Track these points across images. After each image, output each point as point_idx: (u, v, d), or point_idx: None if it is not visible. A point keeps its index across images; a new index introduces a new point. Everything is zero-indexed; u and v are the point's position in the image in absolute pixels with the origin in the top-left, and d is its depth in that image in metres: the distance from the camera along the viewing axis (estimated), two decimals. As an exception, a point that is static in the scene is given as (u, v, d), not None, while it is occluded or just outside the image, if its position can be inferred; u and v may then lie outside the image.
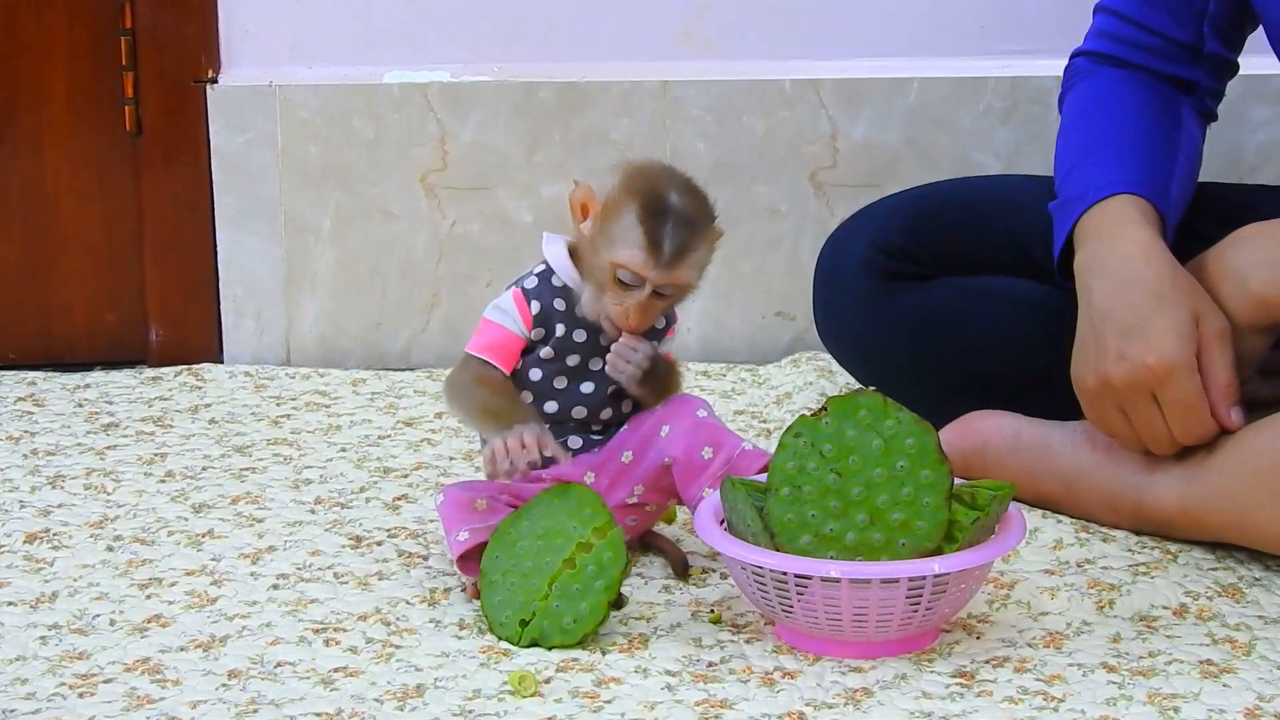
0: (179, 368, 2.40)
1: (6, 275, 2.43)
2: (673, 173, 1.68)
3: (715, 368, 2.39)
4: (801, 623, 1.55)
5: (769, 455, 1.63)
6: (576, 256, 1.69)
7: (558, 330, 1.69)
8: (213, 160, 2.39)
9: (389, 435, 2.15)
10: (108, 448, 2.10)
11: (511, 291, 1.70)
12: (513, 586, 1.60)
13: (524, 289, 1.69)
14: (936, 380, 1.99)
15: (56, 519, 1.89)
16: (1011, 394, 1.92)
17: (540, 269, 1.70)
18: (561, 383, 1.70)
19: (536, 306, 1.69)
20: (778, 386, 2.30)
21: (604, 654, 1.57)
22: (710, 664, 1.55)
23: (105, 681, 1.53)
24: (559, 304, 1.69)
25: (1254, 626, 1.62)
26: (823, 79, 2.39)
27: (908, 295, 2.01)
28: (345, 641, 1.60)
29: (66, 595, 1.71)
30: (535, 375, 1.70)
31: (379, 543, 1.82)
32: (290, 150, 2.39)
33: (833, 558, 1.54)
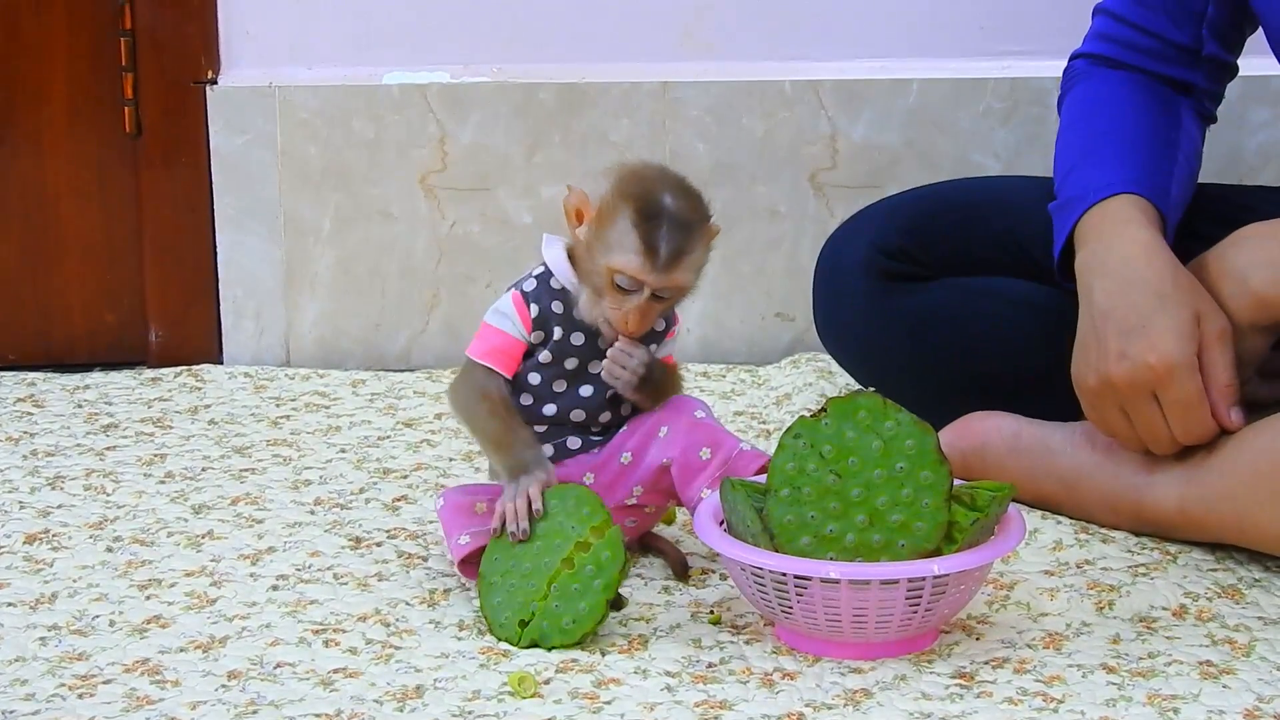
0: (179, 368, 2.40)
1: (6, 276, 2.43)
2: (666, 174, 1.67)
3: (715, 368, 2.39)
4: (801, 624, 1.55)
5: (766, 456, 1.63)
6: (575, 258, 1.69)
7: (555, 333, 1.69)
8: (212, 161, 2.39)
9: (389, 436, 2.15)
10: (107, 448, 2.10)
11: (511, 294, 1.69)
12: (512, 588, 1.60)
13: (523, 292, 1.69)
14: (936, 381, 1.99)
15: (56, 520, 1.89)
16: (1011, 395, 1.92)
17: (539, 271, 1.70)
18: (560, 386, 1.70)
19: (535, 309, 1.68)
20: (777, 387, 2.30)
21: (604, 655, 1.57)
22: (710, 665, 1.55)
23: (105, 682, 1.53)
24: (557, 307, 1.69)
25: (1253, 627, 1.62)
26: (822, 80, 2.39)
27: (907, 296, 2.01)
28: (345, 642, 1.60)
29: (66, 596, 1.71)
30: (534, 379, 1.70)
31: (378, 544, 1.82)
32: (290, 151, 2.39)
33: (832, 559, 1.54)
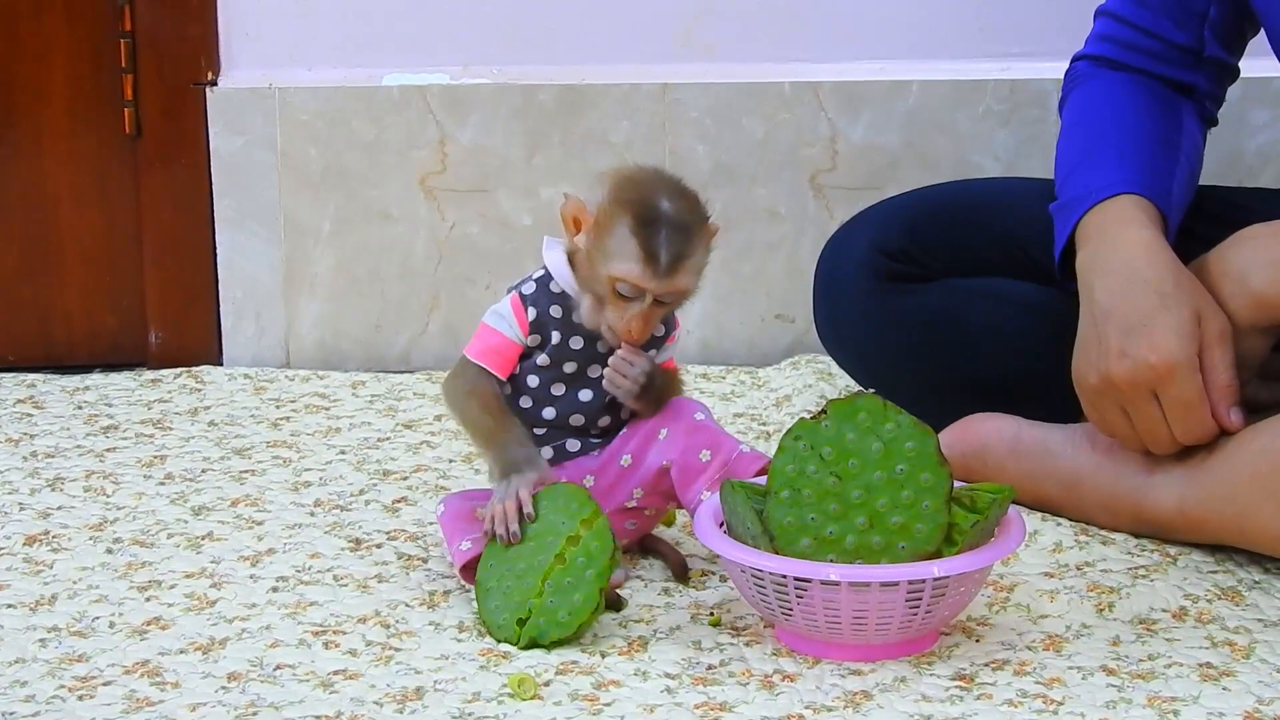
0: (178, 370, 2.40)
1: (6, 277, 2.43)
2: (662, 177, 1.67)
3: (715, 370, 2.39)
4: (801, 625, 1.55)
5: (766, 457, 1.63)
6: (575, 264, 1.69)
7: (554, 337, 1.68)
8: (212, 162, 2.39)
9: (388, 438, 2.15)
10: (107, 450, 2.10)
11: (510, 297, 1.69)
12: (507, 590, 1.60)
13: (522, 295, 1.69)
14: (936, 383, 1.99)
15: (56, 521, 1.89)
16: (1011, 396, 1.92)
17: (539, 274, 1.70)
18: (559, 389, 1.70)
19: (533, 313, 1.68)
20: (777, 389, 2.30)
21: (603, 657, 1.57)
22: (710, 667, 1.55)
23: (105, 684, 1.53)
24: (555, 311, 1.68)
25: (1253, 629, 1.62)
26: (822, 81, 2.39)
27: (907, 297, 2.01)
28: (345, 644, 1.60)
29: (66, 598, 1.70)
30: (533, 382, 1.70)
31: (378, 545, 1.82)
32: (290, 152, 2.39)
33: (832, 561, 1.54)
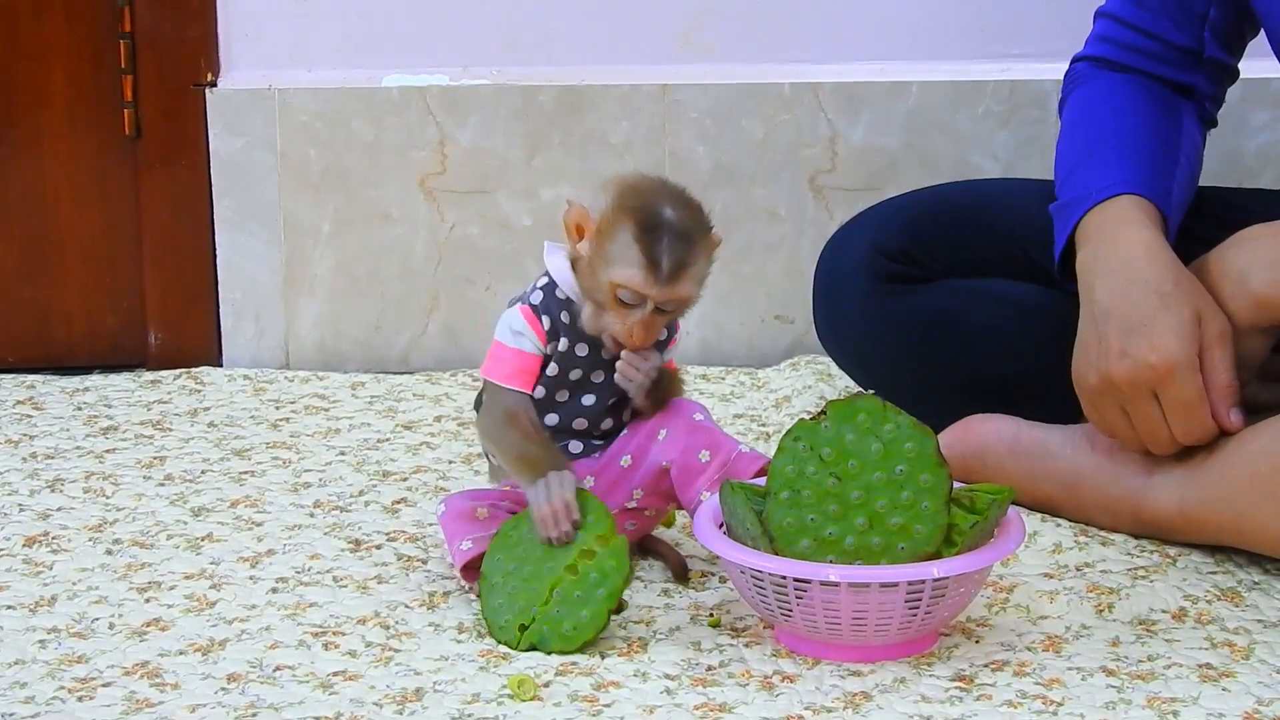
0: (178, 371, 2.40)
1: (5, 278, 2.43)
2: (666, 185, 1.66)
3: (714, 371, 2.39)
4: (800, 626, 1.55)
5: (765, 458, 1.63)
6: (577, 270, 1.68)
7: (561, 345, 1.68)
8: (212, 163, 2.39)
9: (388, 439, 2.15)
10: (107, 451, 2.10)
11: (520, 309, 1.67)
12: (513, 590, 1.60)
13: (532, 305, 1.67)
14: (936, 383, 1.99)
15: (55, 522, 1.89)
16: (1010, 397, 1.92)
17: (543, 282, 1.69)
18: (563, 396, 1.70)
19: (547, 321, 1.67)
20: (777, 390, 2.30)
21: (603, 658, 1.57)
22: (709, 668, 1.55)
23: (104, 685, 1.53)
24: (564, 317, 1.68)
25: (1253, 630, 1.62)
26: (822, 82, 2.39)
27: (907, 298, 2.01)
28: (344, 645, 1.60)
29: (66, 599, 1.70)
30: (538, 392, 1.69)
31: (378, 546, 1.82)
32: (289, 153, 2.39)
33: (832, 561, 1.54)
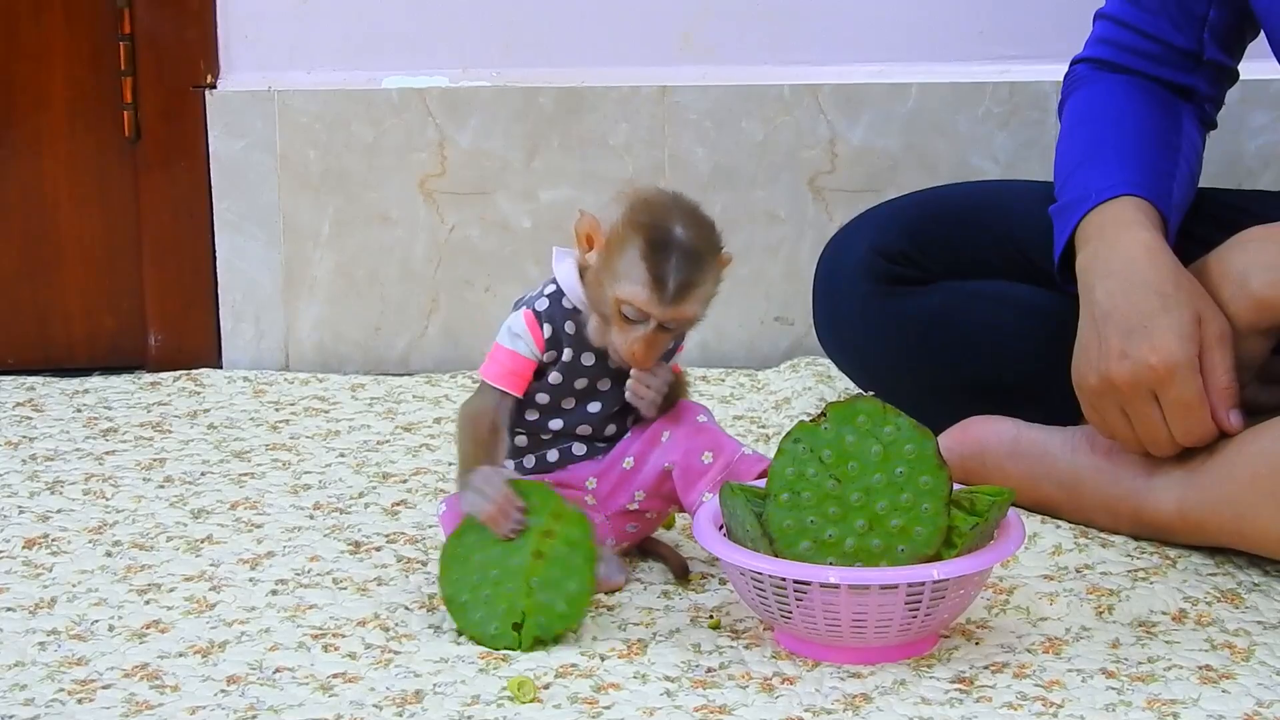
0: (178, 373, 2.40)
1: (5, 280, 2.43)
2: (678, 203, 1.65)
3: (714, 373, 2.39)
4: (800, 628, 1.55)
5: (768, 460, 1.63)
6: (585, 279, 1.67)
7: (565, 354, 1.68)
8: (211, 165, 2.39)
9: (388, 440, 2.15)
10: (106, 453, 2.10)
11: (523, 313, 1.67)
12: (488, 599, 1.60)
13: (535, 311, 1.67)
14: (935, 385, 1.99)
15: (55, 524, 1.89)
16: (1010, 398, 1.92)
17: (551, 289, 1.68)
18: (569, 403, 1.70)
19: (548, 330, 1.67)
20: (777, 391, 2.30)
21: (603, 660, 1.57)
22: (709, 670, 1.55)
23: (104, 687, 1.53)
24: (569, 327, 1.67)
25: (1253, 632, 1.62)
26: (821, 84, 2.39)
27: (907, 299, 2.01)
28: (344, 647, 1.60)
29: (65, 601, 1.70)
30: (542, 399, 1.69)
31: (378, 548, 1.82)
32: (289, 155, 2.39)
33: (832, 563, 1.54)
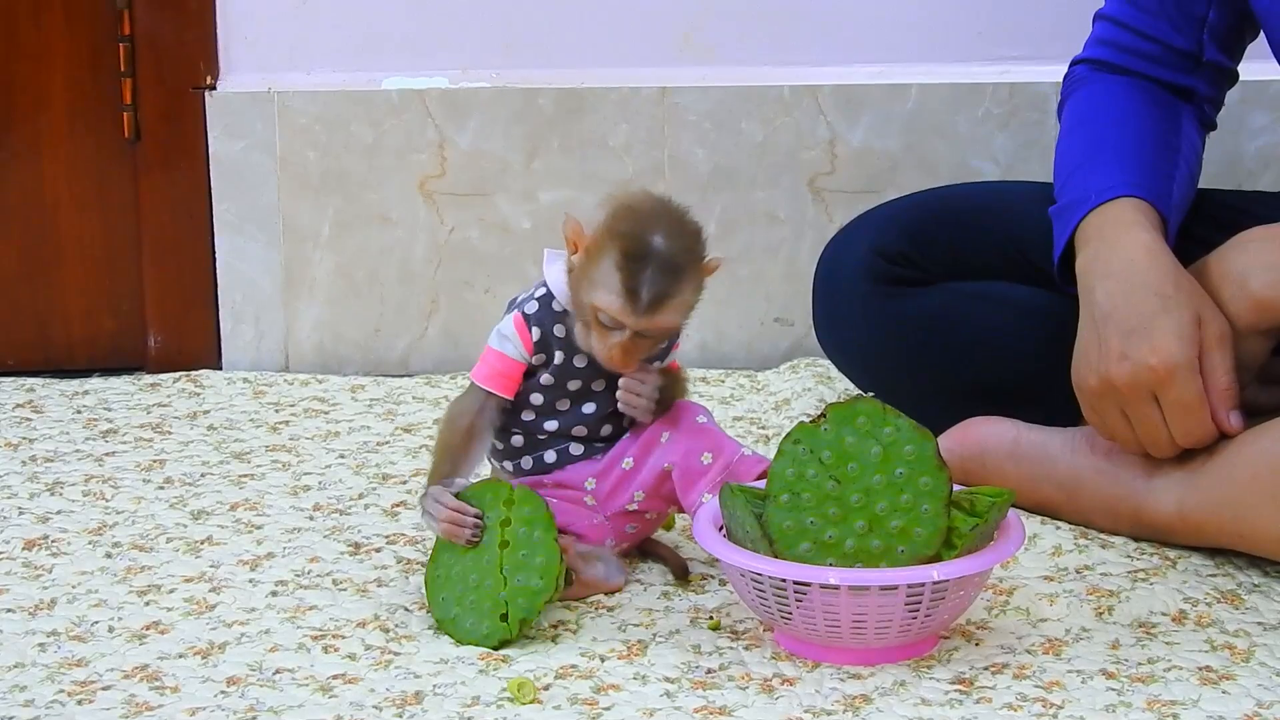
0: (177, 374, 2.40)
1: (5, 281, 2.43)
2: (664, 209, 1.64)
3: (714, 374, 2.39)
4: (800, 629, 1.55)
5: (768, 461, 1.63)
6: (570, 282, 1.67)
7: (557, 357, 1.68)
8: (211, 166, 2.39)
9: (387, 442, 2.15)
10: (106, 454, 2.10)
11: (513, 316, 1.67)
12: (473, 604, 1.60)
13: (525, 314, 1.67)
14: (935, 386, 1.99)
15: (55, 526, 1.89)
16: (1010, 399, 1.92)
17: (541, 292, 1.68)
18: (564, 405, 1.70)
19: (537, 333, 1.67)
20: (776, 392, 2.30)
21: (603, 661, 1.57)
22: (709, 671, 1.55)
23: (104, 688, 1.53)
24: (559, 330, 1.67)
25: (1253, 633, 1.62)
26: (821, 85, 2.39)
27: (907, 300, 2.01)
28: (344, 648, 1.60)
29: (65, 602, 1.70)
30: (536, 400, 1.69)
31: (378, 549, 1.82)
32: (289, 156, 2.39)
33: (831, 564, 1.54)
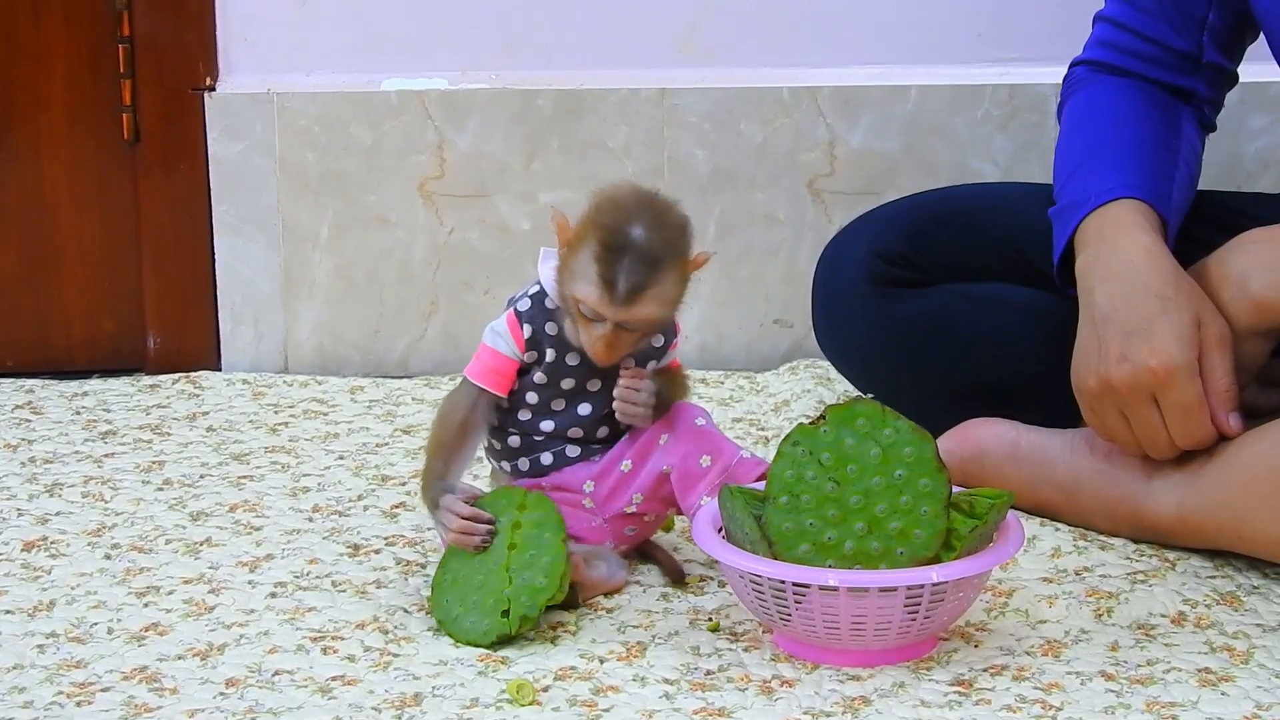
0: (177, 375, 2.40)
1: (4, 282, 2.43)
2: (648, 202, 1.63)
3: (714, 375, 2.39)
4: (799, 631, 1.55)
5: (766, 463, 1.63)
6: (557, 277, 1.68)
7: (549, 355, 1.68)
8: (211, 167, 2.39)
9: (387, 443, 2.15)
10: (105, 455, 2.10)
11: (506, 313, 1.68)
12: (475, 604, 1.60)
13: (518, 311, 1.67)
14: (935, 388, 1.99)
15: (54, 527, 1.89)
16: (1010, 401, 1.92)
17: (534, 290, 1.68)
18: (559, 404, 1.70)
19: (528, 330, 1.67)
20: (776, 394, 2.30)
21: (602, 662, 1.57)
22: (708, 672, 1.55)
23: (103, 690, 1.53)
24: (550, 328, 1.67)
25: (1252, 635, 1.62)
26: (821, 86, 2.39)
27: (906, 302, 2.01)
28: (343, 650, 1.60)
29: (64, 603, 1.70)
30: (531, 398, 1.69)
31: (377, 551, 1.82)
32: (288, 158, 2.39)
33: (831, 566, 1.54)
